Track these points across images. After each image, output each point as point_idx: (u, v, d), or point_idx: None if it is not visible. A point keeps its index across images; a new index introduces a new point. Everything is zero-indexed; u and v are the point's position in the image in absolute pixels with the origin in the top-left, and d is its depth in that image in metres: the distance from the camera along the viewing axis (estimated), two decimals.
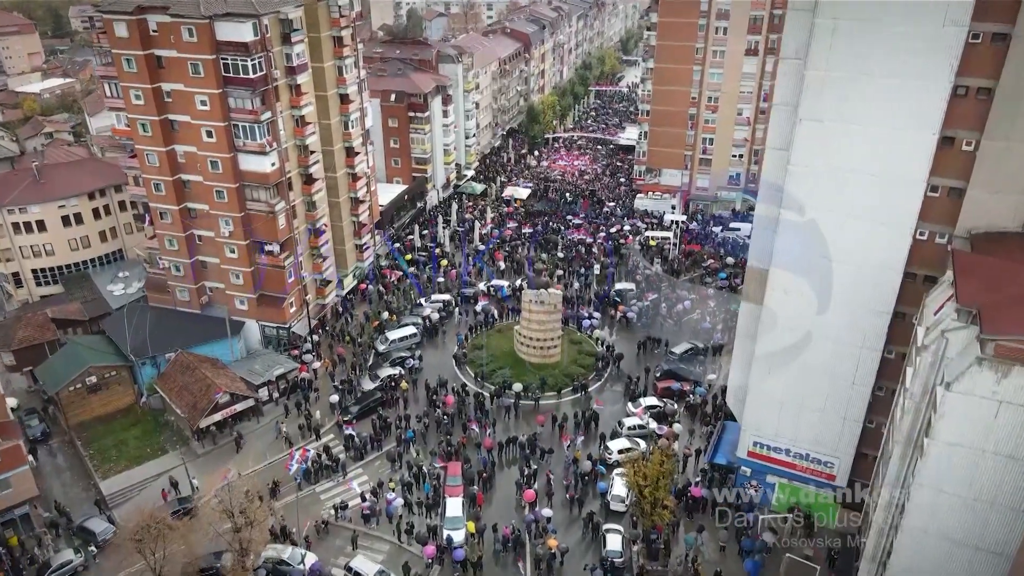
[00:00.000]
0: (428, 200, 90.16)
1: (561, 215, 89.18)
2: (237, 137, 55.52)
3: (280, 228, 58.66)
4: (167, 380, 55.85)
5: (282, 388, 57.97)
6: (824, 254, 39.10)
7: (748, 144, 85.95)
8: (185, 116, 55.50)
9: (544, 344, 61.12)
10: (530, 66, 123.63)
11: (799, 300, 40.73)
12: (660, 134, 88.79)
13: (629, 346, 64.68)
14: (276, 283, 60.74)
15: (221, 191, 57.24)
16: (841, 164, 37.16)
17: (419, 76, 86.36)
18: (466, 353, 62.90)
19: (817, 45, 35.81)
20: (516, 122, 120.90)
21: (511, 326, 66.96)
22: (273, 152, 56.33)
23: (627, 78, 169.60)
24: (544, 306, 59.87)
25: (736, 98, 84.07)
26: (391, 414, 55.86)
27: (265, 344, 63.16)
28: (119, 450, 53.65)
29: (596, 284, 74.23)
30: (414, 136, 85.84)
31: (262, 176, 56.57)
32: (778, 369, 43.03)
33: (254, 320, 62.24)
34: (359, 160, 68.37)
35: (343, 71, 64.09)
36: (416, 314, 68.11)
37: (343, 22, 62.70)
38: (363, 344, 63.94)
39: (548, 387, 58.74)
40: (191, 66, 53.17)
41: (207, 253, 61.04)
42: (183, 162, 57.82)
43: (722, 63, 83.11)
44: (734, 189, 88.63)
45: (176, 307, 63.35)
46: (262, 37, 53.35)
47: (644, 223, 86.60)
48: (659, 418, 55.21)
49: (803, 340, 41.47)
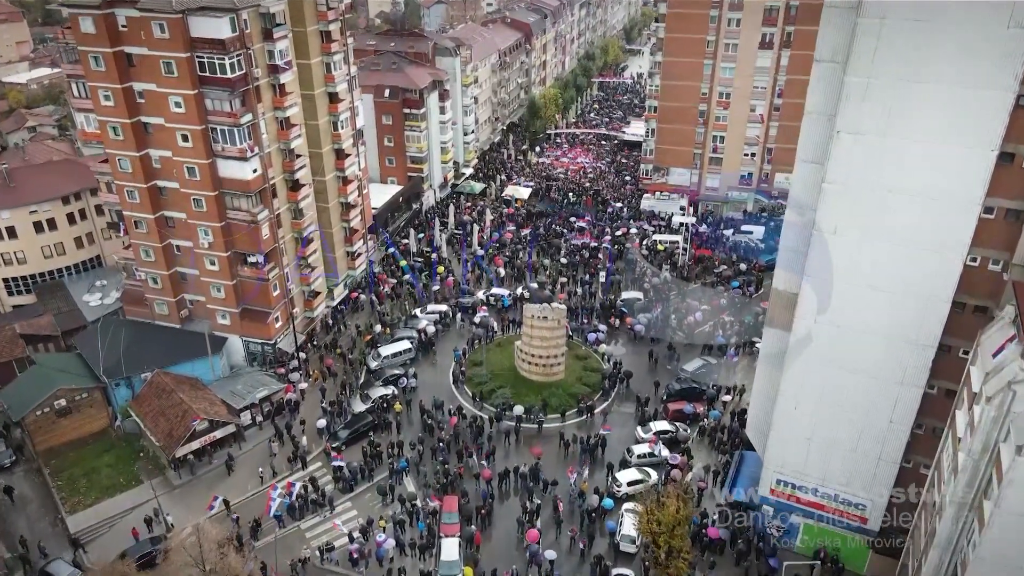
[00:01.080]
0: (424, 201, 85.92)
1: (564, 216, 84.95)
2: (215, 141, 51.31)
3: (264, 238, 54.58)
4: (142, 403, 51.91)
5: (266, 411, 54.04)
6: (861, 280, 35.10)
7: (761, 143, 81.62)
8: (159, 118, 51.29)
9: (547, 362, 57.18)
10: (531, 57, 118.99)
11: (832, 330, 36.73)
12: (668, 131, 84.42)
13: (637, 361, 60.74)
14: (260, 297, 56.70)
15: (199, 199, 53.08)
16: (884, 182, 33.02)
17: (414, 70, 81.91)
18: (464, 371, 58.94)
19: (859, 48, 31.57)
20: (517, 116, 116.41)
21: (512, 340, 63.02)
22: (255, 157, 52.15)
23: (631, 68, 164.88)
24: (547, 322, 55.87)
25: (749, 94, 79.68)
26: (383, 440, 51.98)
27: (250, 361, 59.20)
28: (90, 480, 49.79)
29: (602, 293, 70.19)
30: (409, 134, 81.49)
31: (243, 183, 52.40)
32: (806, 403, 39.11)
33: (237, 336, 58.22)
34: (350, 162, 64.13)
35: (331, 68, 59.74)
36: (411, 326, 64.10)
37: (331, 15, 58.29)
38: (354, 361, 59.94)
39: (551, 409, 54.86)
40: (163, 65, 48.90)
41: (186, 264, 56.99)
42: (158, 168, 53.66)
43: (734, 57, 78.64)
44: (746, 189, 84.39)
45: (154, 321, 59.35)
46: (241, 33, 49.01)
47: (651, 225, 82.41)
48: (671, 444, 51.40)
49: (835, 373, 37.49)
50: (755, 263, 74.20)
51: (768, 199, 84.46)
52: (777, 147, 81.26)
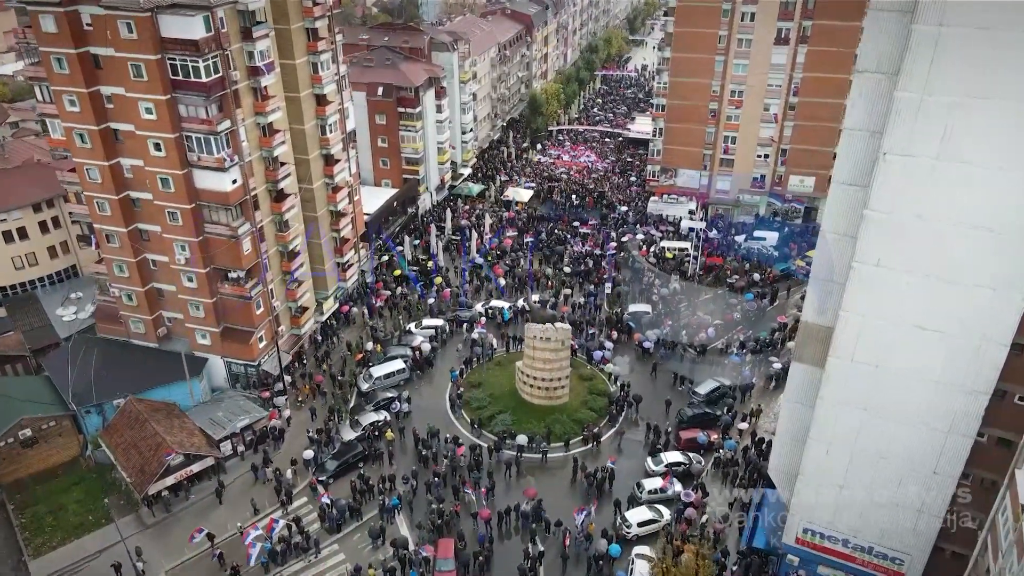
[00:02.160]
0: (420, 205, 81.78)
1: (567, 221, 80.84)
2: (190, 151, 47.21)
3: (245, 253, 50.58)
4: (113, 434, 48.09)
5: (248, 440, 50.22)
6: (907, 319, 31.19)
7: (775, 144, 77.42)
8: (129, 125, 47.18)
9: (550, 384, 53.36)
10: (532, 50, 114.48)
11: (871, 372, 32.84)
12: (677, 131, 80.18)
13: (646, 382, 56.99)
14: (242, 316, 52.79)
15: (174, 212, 49.05)
16: (937, 211, 29.02)
17: (410, 66, 77.57)
18: (461, 394, 55.07)
19: (914, 58, 27.44)
20: (517, 111, 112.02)
21: (512, 358, 59.20)
22: (234, 167, 48.05)
23: (634, 59, 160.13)
24: (550, 343, 51.98)
25: (763, 92, 75.42)
26: (374, 473, 48.20)
27: (232, 382, 55.34)
28: (56, 518, 46.05)
29: (608, 306, 66.24)
30: (404, 134, 77.27)
31: (221, 195, 48.34)
32: (840, 449, 35.29)
33: (218, 356, 54.34)
34: (339, 168, 59.99)
35: (318, 68, 55.47)
36: (405, 343, 60.21)
37: (317, 11, 53.97)
38: (344, 383, 56.07)
39: (555, 437, 51.09)
40: (132, 68, 44.72)
41: (163, 280, 53.05)
42: (130, 178, 49.61)
43: (748, 53, 74.33)
44: (758, 192, 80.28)
45: (130, 339, 55.46)
46: (216, 33, 44.79)
47: (659, 231, 78.31)
48: (684, 477, 47.65)
49: (874, 418, 33.66)
50: (769, 272, 70.22)
51: (781, 202, 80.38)
52: (792, 148, 77.15)
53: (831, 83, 72.67)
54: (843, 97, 73.28)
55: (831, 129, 74.94)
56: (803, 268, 70.26)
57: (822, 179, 77.75)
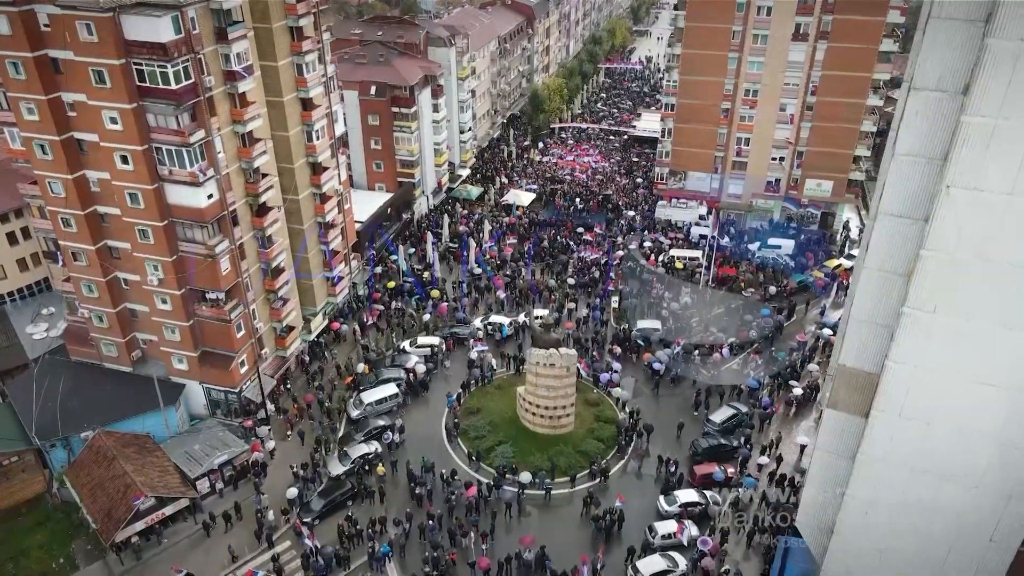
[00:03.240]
0: (416, 210, 77.60)
1: (571, 226, 76.68)
2: (161, 164, 43.10)
3: (223, 273, 46.56)
4: (79, 472, 44.28)
5: (228, 475, 46.41)
6: (967, 373, 27.26)
7: (791, 146, 73.18)
8: (93, 135, 43.02)
9: (554, 413, 49.53)
10: (533, 43, 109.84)
11: (922, 429, 28.93)
12: (687, 132, 75.90)
13: (656, 406, 53.17)
14: (222, 339, 48.86)
15: (145, 230, 44.99)
16: (1008, 254, 25.04)
17: (404, 64, 73.18)
18: (458, 423, 51.19)
19: (988, 77, 23.35)
20: (518, 107, 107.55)
21: (513, 380, 55.45)
22: (209, 181, 43.95)
23: (639, 51, 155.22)
24: (555, 369, 48.10)
25: (779, 92, 71.11)
26: (363, 514, 44.39)
27: (212, 410, 51.48)
28: (18, 565, 42.35)
29: (614, 321, 62.29)
30: (399, 135, 72.99)
31: (196, 212, 44.26)
32: (881, 510, 31.46)
33: (197, 382, 50.45)
34: (328, 177, 55.83)
35: (303, 70, 51.20)
36: (399, 364, 56.27)
37: (301, 8, 49.64)
38: (332, 410, 52.19)
39: (559, 471, 47.30)
40: (93, 73, 40.50)
41: (136, 301, 49.08)
42: (97, 191, 45.51)
43: (764, 50, 69.94)
44: (772, 197, 76.10)
45: (102, 363, 51.53)
46: (187, 35, 40.54)
47: (668, 238, 74.18)
48: (700, 519, 43.87)
49: (923, 479, 29.81)
50: (786, 285, 66.15)
51: (797, 207, 76.24)
52: (809, 150, 72.91)
53: (852, 81, 68.52)
54: (864, 97, 69.38)
55: (851, 130, 71.05)
56: (822, 280, 66.38)
57: (840, 183, 73.77)
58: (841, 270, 68.28)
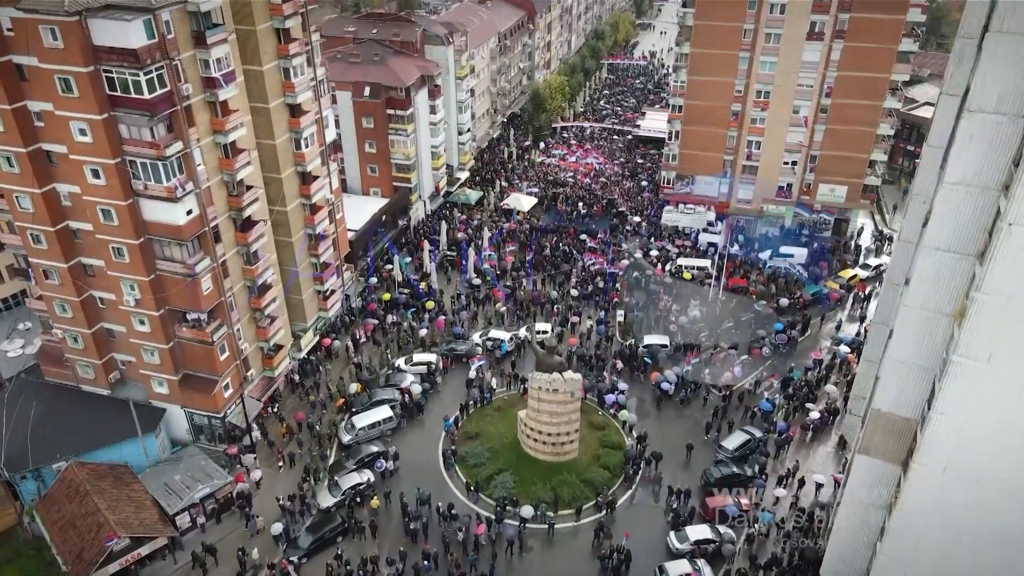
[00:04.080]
0: (413, 215, 74.50)
1: (574, 233, 73.58)
2: (135, 178, 40.02)
3: (205, 293, 43.55)
4: (50, 507, 41.43)
5: (210, 509, 43.57)
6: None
7: (804, 149, 70.06)
8: (62, 147, 39.94)
9: (557, 439, 46.69)
10: (535, 38, 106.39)
11: (971, 488, 26.07)
12: (695, 134, 72.73)
13: (664, 429, 50.35)
14: (204, 362, 45.92)
15: (119, 248, 41.95)
16: None
17: (400, 63, 69.93)
18: (455, 450, 48.29)
19: None
20: (518, 105, 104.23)
21: (514, 400, 52.66)
22: (188, 196, 40.87)
23: (642, 45, 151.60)
24: (558, 395, 45.21)
25: (792, 93, 67.91)
26: (354, 552, 41.56)
27: (195, 435, 48.59)
28: None
29: (620, 336, 59.35)
30: (394, 139, 69.79)
31: (174, 229, 41.22)
32: (921, 571, 28.64)
33: (178, 406, 47.56)
34: (318, 187, 52.75)
35: (291, 74, 48.04)
36: (393, 384, 53.35)
37: (288, 9, 46.42)
38: (322, 435, 49.32)
39: (563, 503, 44.49)
40: (60, 82, 37.38)
41: (113, 320, 46.12)
42: (69, 206, 42.47)
43: (776, 49, 66.69)
44: (784, 203, 73.03)
45: (79, 384, 48.64)
46: (161, 40, 37.39)
47: (675, 246, 71.09)
48: (713, 558, 41.08)
49: (971, 542, 26.97)
50: (799, 296, 63.11)
51: (809, 213, 73.18)
52: (822, 154, 69.79)
53: (869, 83, 65.38)
54: (881, 98, 66.25)
55: (867, 133, 68.00)
56: (837, 292, 63.43)
57: (855, 188, 70.74)
58: (856, 281, 65.37)
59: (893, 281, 36.53)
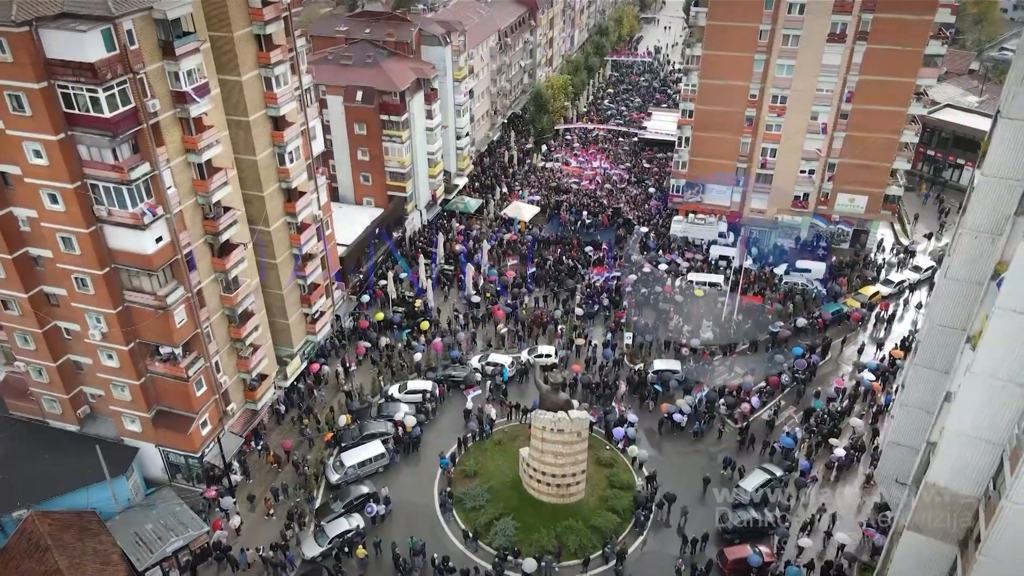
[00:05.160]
0: (409, 226, 70.66)
1: (578, 244, 69.76)
2: (98, 203, 36.26)
3: (178, 326, 39.85)
4: (7, 564, 37.62)
5: (184, 561, 40.05)
6: None
7: (823, 157, 66.16)
8: (15, 168, 36.16)
9: (562, 481, 43.12)
10: (536, 35, 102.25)
11: None
12: (706, 141, 68.81)
13: (677, 466, 46.75)
14: (179, 399, 42.31)
15: (83, 278, 38.24)
16: None
17: (394, 65, 65.94)
18: (452, 492, 44.66)
19: None
20: (519, 105, 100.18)
21: (516, 433, 49.11)
22: (158, 222, 37.10)
23: (646, 40, 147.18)
24: (564, 435, 41.60)
25: (811, 98, 63.96)
26: None
27: (171, 474, 45.05)
28: None
29: (628, 360, 55.71)
30: (388, 146, 65.90)
31: (142, 258, 37.49)
32: None
33: (152, 444, 43.99)
34: (304, 203, 49.00)
35: (273, 83, 44.15)
36: (386, 415, 49.74)
37: (269, 12, 42.46)
38: (308, 475, 45.75)
39: (568, 552, 40.96)
40: (10, 99, 33.58)
41: (81, 352, 42.48)
42: (27, 231, 38.76)
43: (795, 52, 62.70)
44: (800, 213, 69.21)
45: (45, 420, 45.08)
46: (123, 52, 33.55)
47: (685, 259, 67.27)
48: None
49: None
50: (818, 316, 59.34)
51: (826, 224, 69.38)
52: (842, 162, 65.92)
53: (893, 87, 61.45)
54: (906, 104, 62.39)
55: (890, 141, 64.09)
56: (858, 312, 59.66)
57: (875, 198, 66.89)
58: (878, 298, 61.62)
59: (938, 322, 32.82)
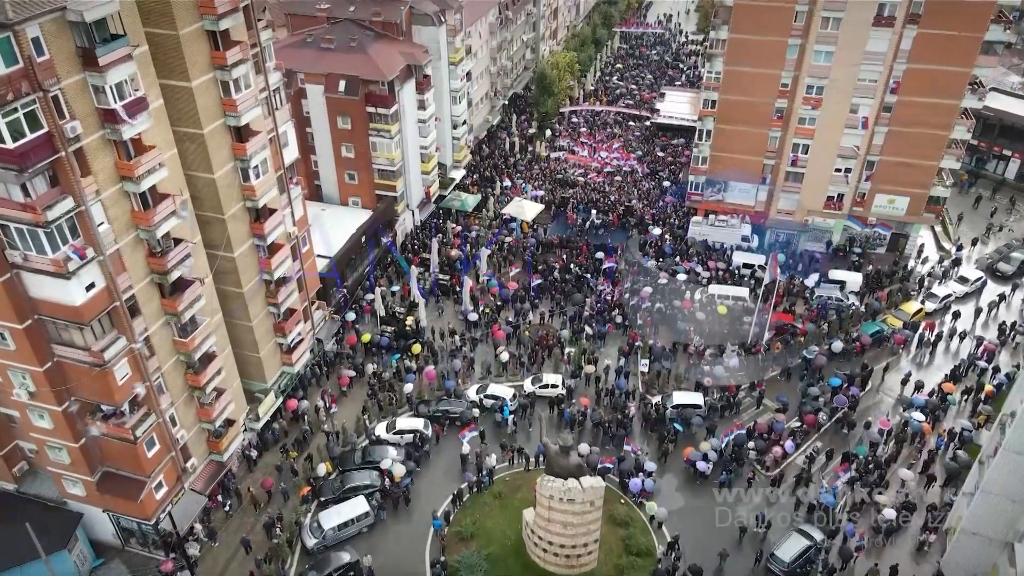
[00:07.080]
0: (399, 229, 63.96)
1: (587, 249, 63.18)
2: (11, 247, 29.80)
3: (120, 383, 33.66)
4: None
5: None
6: None
7: (861, 154, 59.20)
8: None
9: (571, 551, 37.48)
10: (539, 6, 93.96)
11: None
12: (731, 134, 61.72)
13: (701, 523, 40.93)
14: (127, 461, 36.37)
15: (1, 332, 31.94)
16: None
17: (382, 50, 58.57)
18: (446, 561, 38.93)
19: None
20: (521, 84, 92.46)
21: (518, 483, 43.41)
22: (87, 265, 30.66)
23: (655, 7, 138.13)
24: (575, 505, 35.74)
25: (851, 89, 56.76)
26: None
27: (123, 540, 39.39)
28: None
29: (644, 390, 49.69)
30: (376, 141, 58.89)
31: (70, 310, 31.14)
32: None
33: (99, 509, 38.20)
34: (274, 223, 42.35)
35: (232, 88, 37.14)
36: (371, 461, 43.89)
37: (223, 5, 35.25)
38: (282, 540, 39.99)
39: None
40: None
41: (12, 406, 36.33)
42: None
43: (835, 37, 55.33)
44: (833, 215, 62.50)
45: None
46: (28, 65, 26.72)
47: (706, 268, 60.69)
48: None
49: None
50: (857, 339, 53.02)
51: (861, 227, 62.74)
52: (882, 160, 59.04)
53: (945, 78, 54.35)
54: (959, 96, 55.40)
55: (938, 137, 57.18)
56: (902, 334, 53.35)
57: (918, 200, 60.18)
58: (922, 316, 55.34)
59: None
